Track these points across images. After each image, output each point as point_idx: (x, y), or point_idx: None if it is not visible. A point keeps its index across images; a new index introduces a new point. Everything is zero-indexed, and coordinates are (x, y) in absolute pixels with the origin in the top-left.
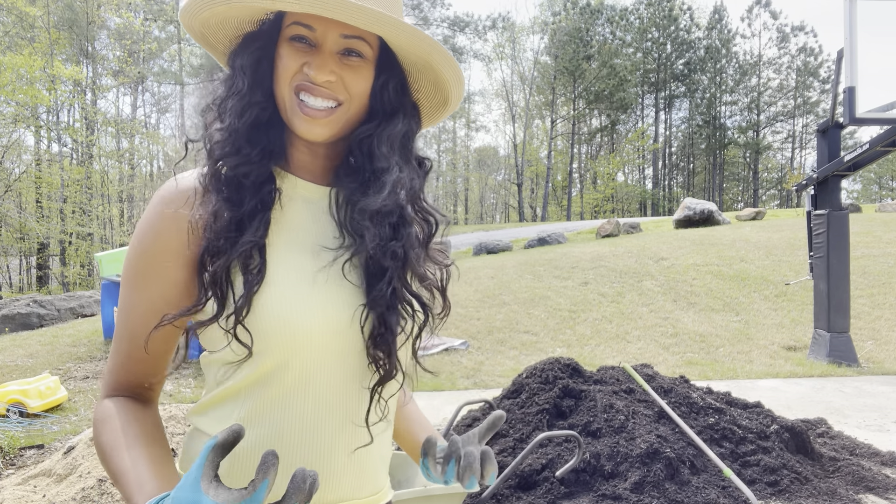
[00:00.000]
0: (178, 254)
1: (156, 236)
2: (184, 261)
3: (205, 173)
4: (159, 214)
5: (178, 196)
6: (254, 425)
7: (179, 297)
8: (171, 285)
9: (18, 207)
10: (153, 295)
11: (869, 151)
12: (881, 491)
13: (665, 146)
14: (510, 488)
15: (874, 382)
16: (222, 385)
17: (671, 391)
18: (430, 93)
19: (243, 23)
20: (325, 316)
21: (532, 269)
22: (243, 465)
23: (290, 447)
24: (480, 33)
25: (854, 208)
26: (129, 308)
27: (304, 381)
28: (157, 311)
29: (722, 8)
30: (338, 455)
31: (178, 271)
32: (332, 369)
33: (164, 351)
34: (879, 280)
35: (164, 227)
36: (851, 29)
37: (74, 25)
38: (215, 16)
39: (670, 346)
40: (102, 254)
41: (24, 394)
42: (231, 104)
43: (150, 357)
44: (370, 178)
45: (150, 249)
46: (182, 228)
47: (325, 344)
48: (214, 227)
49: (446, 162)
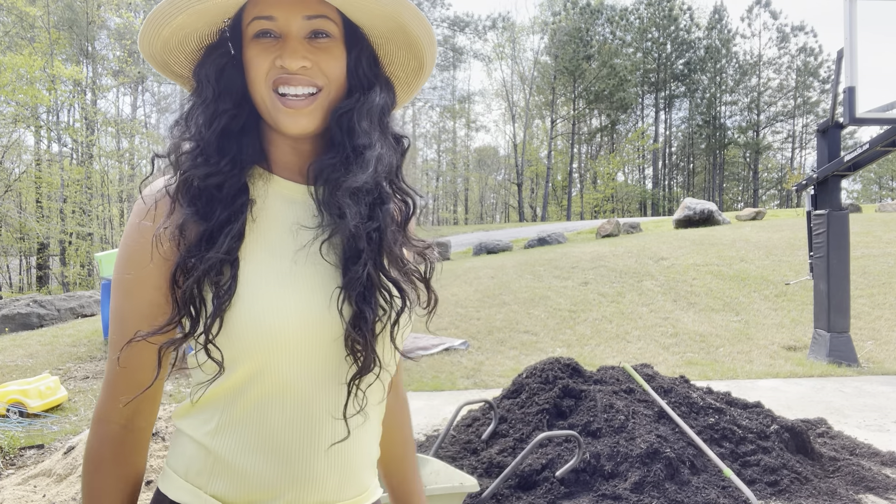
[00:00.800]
0: (143, 268)
1: (127, 249)
2: (148, 276)
3: (172, 185)
4: (132, 226)
5: (143, 207)
6: (236, 428)
7: (153, 313)
8: (144, 301)
9: (18, 207)
10: (130, 308)
11: (869, 151)
12: (881, 491)
13: (665, 146)
14: (510, 488)
15: (874, 382)
16: (203, 389)
17: (671, 391)
18: (404, 59)
19: (203, 37)
20: (303, 304)
21: (532, 269)
22: (229, 469)
23: (272, 450)
24: (480, 33)
25: (854, 208)
26: (114, 320)
27: (282, 384)
28: (134, 327)
29: (722, 8)
30: (320, 457)
31: (145, 287)
32: (309, 367)
33: (145, 372)
34: (879, 280)
35: (134, 240)
36: (851, 29)
37: (74, 25)
38: (175, 34)
39: (670, 346)
40: (102, 254)
41: (24, 394)
42: (197, 114)
43: (130, 375)
44: (351, 154)
45: (123, 262)
46: (147, 241)
47: (302, 337)
48: (184, 243)
49: (446, 162)
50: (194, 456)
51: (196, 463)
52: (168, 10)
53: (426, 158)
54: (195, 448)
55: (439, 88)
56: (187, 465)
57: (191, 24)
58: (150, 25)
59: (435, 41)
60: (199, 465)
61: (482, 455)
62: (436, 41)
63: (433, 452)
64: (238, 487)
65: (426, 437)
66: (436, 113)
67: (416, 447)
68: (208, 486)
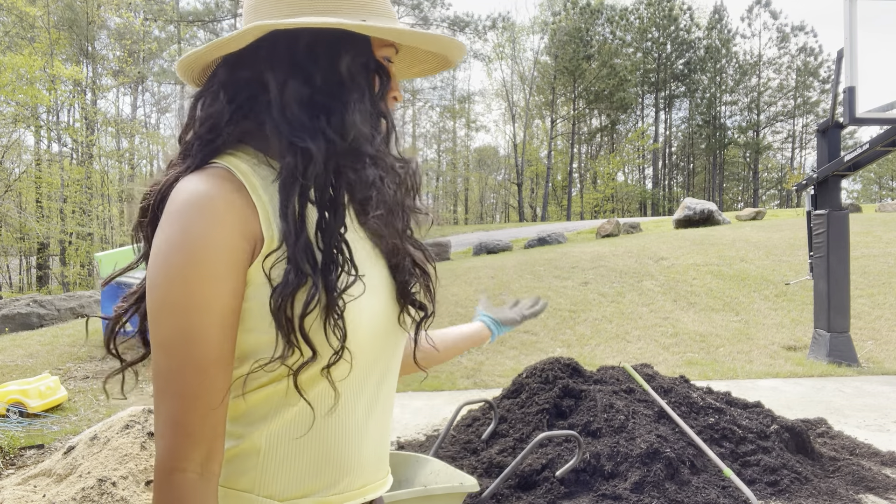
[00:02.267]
0: (236, 277)
1: (212, 257)
2: (236, 286)
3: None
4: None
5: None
6: (295, 426)
7: (232, 323)
8: (226, 312)
9: (18, 207)
10: (207, 324)
11: (869, 151)
12: (881, 491)
13: (665, 146)
14: (510, 488)
15: (874, 382)
16: (258, 390)
17: (671, 391)
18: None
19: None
20: (380, 293)
21: (532, 269)
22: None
23: (330, 443)
24: (480, 33)
25: (854, 208)
26: (180, 343)
27: (356, 375)
28: (214, 344)
29: (722, 8)
30: (368, 443)
31: (226, 297)
32: (375, 357)
33: (217, 402)
34: (879, 280)
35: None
36: (851, 29)
37: (74, 25)
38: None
39: (670, 346)
40: (102, 254)
41: (24, 394)
42: (365, 108)
43: (206, 408)
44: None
45: (203, 275)
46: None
47: (382, 327)
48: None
49: (446, 162)
50: (241, 464)
51: (244, 465)
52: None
53: (426, 158)
54: (243, 453)
55: (439, 88)
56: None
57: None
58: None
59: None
60: (247, 467)
61: (482, 455)
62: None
63: (433, 452)
64: (291, 483)
65: (426, 437)
66: (436, 113)
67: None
68: (260, 489)
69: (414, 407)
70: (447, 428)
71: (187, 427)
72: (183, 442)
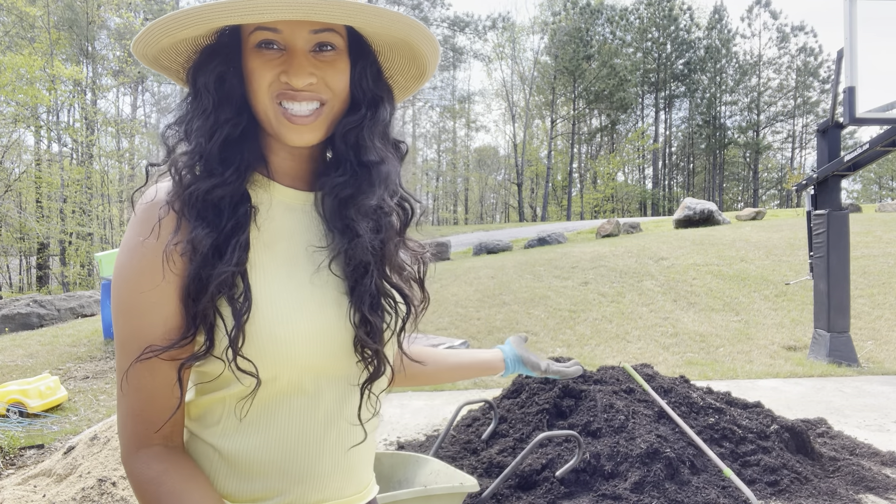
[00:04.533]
0: (155, 286)
1: (133, 268)
2: (161, 294)
3: (175, 199)
4: (135, 244)
5: (145, 223)
6: (243, 430)
7: (168, 330)
8: (158, 319)
9: (18, 207)
10: (142, 328)
11: (869, 151)
12: (881, 491)
13: (665, 146)
14: (510, 488)
15: (874, 382)
16: (209, 394)
17: (671, 391)
18: (405, 66)
19: (199, 37)
20: (319, 321)
21: (532, 269)
22: (235, 470)
23: (278, 450)
24: (480, 33)
25: (854, 208)
26: (126, 343)
27: (294, 388)
28: (145, 344)
29: (722, 8)
30: (326, 457)
31: (158, 305)
32: (321, 372)
33: (164, 393)
34: (879, 280)
35: (140, 257)
36: (851, 29)
37: (74, 25)
38: (172, 39)
39: (670, 346)
40: (102, 254)
41: (24, 394)
42: (198, 125)
43: (151, 399)
44: (360, 171)
45: (131, 282)
46: (156, 258)
47: (316, 350)
48: (195, 258)
49: (446, 162)
50: (200, 456)
51: (203, 463)
52: (171, 25)
53: (426, 158)
54: (202, 449)
55: (439, 88)
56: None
57: (190, 32)
58: (149, 34)
59: (439, 54)
60: (206, 466)
61: (482, 455)
62: (439, 53)
63: (433, 452)
64: (243, 487)
65: (426, 437)
66: (436, 113)
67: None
68: (216, 485)
69: (414, 407)
70: (447, 428)
71: (147, 416)
72: (145, 429)
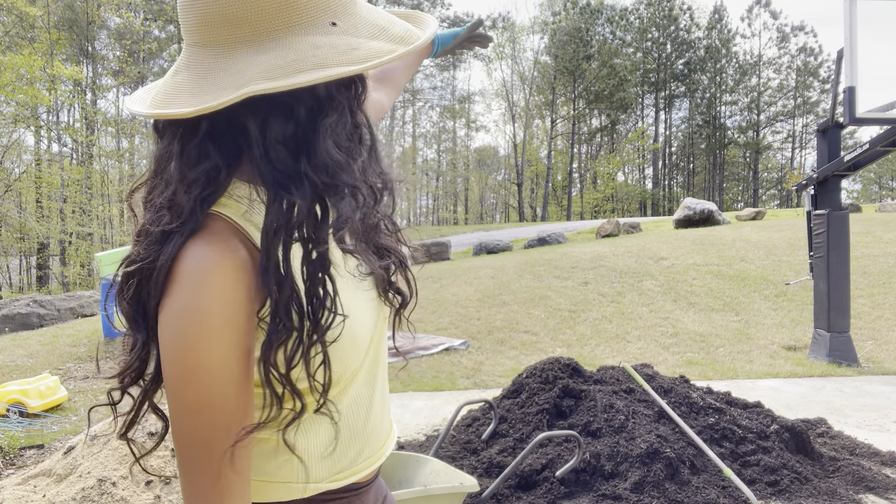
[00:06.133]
0: (244, 340)
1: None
2: (247, 348)
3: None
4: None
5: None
6: (315, 421)
7: (247, 389)
8: (243, 380)
9: (18, 207)
10: (232, 395)
11: (869, 151)
12: (881, 491)
13: (665, 146)
14: (510, 488)
15: (874, 382)
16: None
17: (671, 391)
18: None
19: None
20: (368, 306)
21: (532, 269)
22: (320, 455)
23: (352, 419)
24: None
25: (854, 208)
26: (209, 416)
27: (363, 371)
28: (239, 416)
29: (722, 8)
30: (384, 415)
31: (242, 362)
32: (378, 340)
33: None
34: (879, 280)
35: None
36: (851, 29)
37: (74, 25)
38: None
39: (670, 346)
40: (102, 254)
41: (24, 394)
42: (342, 129)
43: (246, 476)
44: None
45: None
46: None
47: (373, 328)
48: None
49: (446, 162)
50: (269, 455)
51: (275, 459)
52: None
53: (426, 158)
54: (273, 448)
55: (439, 88)
56: (261, 465)
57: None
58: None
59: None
60: (279, 460)
61: (482, 455)
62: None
63: (433, 452)
64: (325, 468)
65: (426, 437)
66: (436, 113)
67: None
68: (300, 477)
69: (414, 407)
70: (447, 428)
71: (227, 484)
72: (227, 500)
